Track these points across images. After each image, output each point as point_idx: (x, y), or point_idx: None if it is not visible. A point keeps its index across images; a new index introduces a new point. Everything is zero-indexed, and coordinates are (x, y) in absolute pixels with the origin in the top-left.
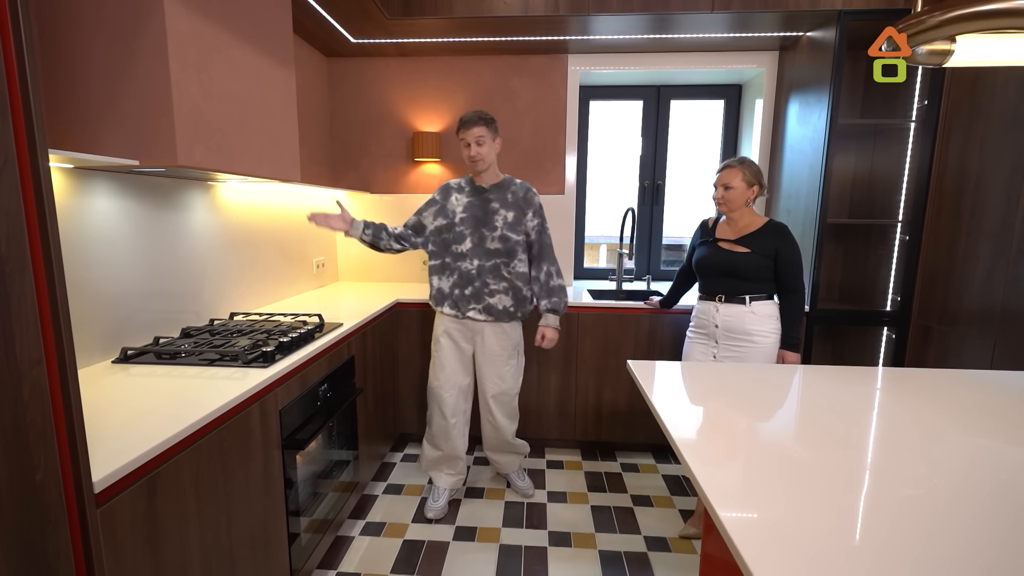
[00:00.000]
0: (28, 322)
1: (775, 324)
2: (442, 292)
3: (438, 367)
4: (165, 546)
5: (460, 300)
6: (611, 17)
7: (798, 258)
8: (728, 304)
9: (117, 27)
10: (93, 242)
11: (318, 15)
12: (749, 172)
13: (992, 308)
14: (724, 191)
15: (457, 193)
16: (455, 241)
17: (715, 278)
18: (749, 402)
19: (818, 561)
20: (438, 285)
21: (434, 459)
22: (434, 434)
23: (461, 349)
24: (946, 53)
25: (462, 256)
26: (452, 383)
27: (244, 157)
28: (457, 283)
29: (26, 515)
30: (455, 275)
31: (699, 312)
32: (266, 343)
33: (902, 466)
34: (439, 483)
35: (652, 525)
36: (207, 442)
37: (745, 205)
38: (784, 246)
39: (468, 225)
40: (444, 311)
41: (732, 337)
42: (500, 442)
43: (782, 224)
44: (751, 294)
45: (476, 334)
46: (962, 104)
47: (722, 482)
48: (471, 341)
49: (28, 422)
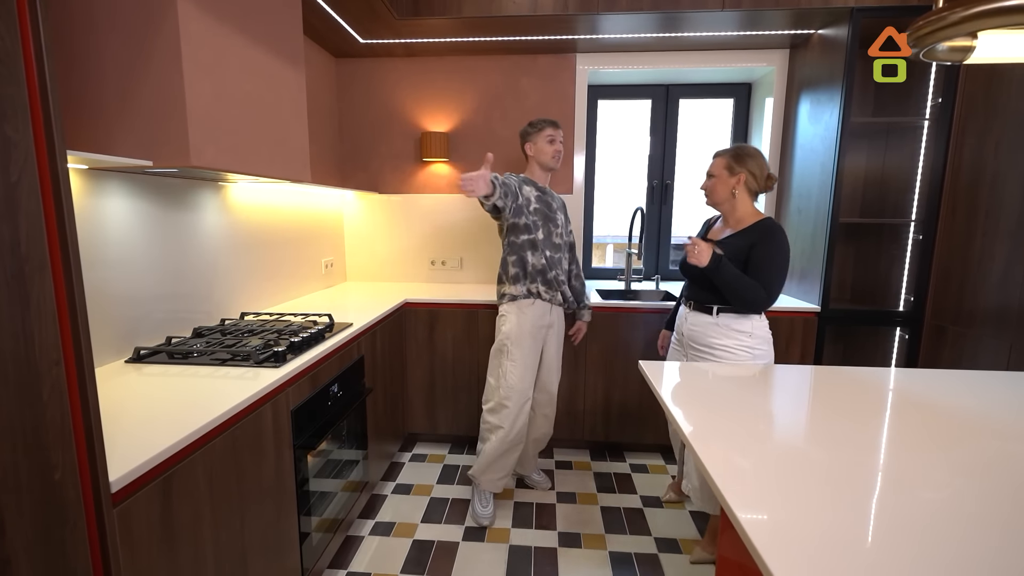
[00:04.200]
0: (47, 322)
1: (744, 340)
2: (536, 269)
3: (522, 368)
4: (180, 546)
5: (554, 282)
6: (620, 16)
7: (772, 260)
8: (695, 312)
9: (131, 28)
10: (107, 242)
11: (327, 16)
12: (732, 159)
13: (1008, 309)
14: (707, 180)
15: (526, 185)
16: (533, 229)
17: (690, 282)
18: (763, 402)
19: (842, 566)
20: (532, 262)
21: (500, 462)
22: (512, 441)
23: (538, 344)
24: (967, 49)
25: (536, 244)
26: (532, 382)
27: (255, 157)
28: (548, 265)
29: (45, 514)
30: (543, 257)
31: (678, 316)
32: (277, 343)
33: (922, 468)
34: (495, 486)
35: (662, 527)
36: (220, 442)
37: (732, 197)
38: (759, 246)
39: (539, 216)
40: (540, 292)
41: (695, 348)
42: (548, 435)
43: (773, 225)
44: (719, 304)
45: (550, 327)
46: (977, 102)
47: (740, 483)
48: (544, 335)
49: (47, 422)
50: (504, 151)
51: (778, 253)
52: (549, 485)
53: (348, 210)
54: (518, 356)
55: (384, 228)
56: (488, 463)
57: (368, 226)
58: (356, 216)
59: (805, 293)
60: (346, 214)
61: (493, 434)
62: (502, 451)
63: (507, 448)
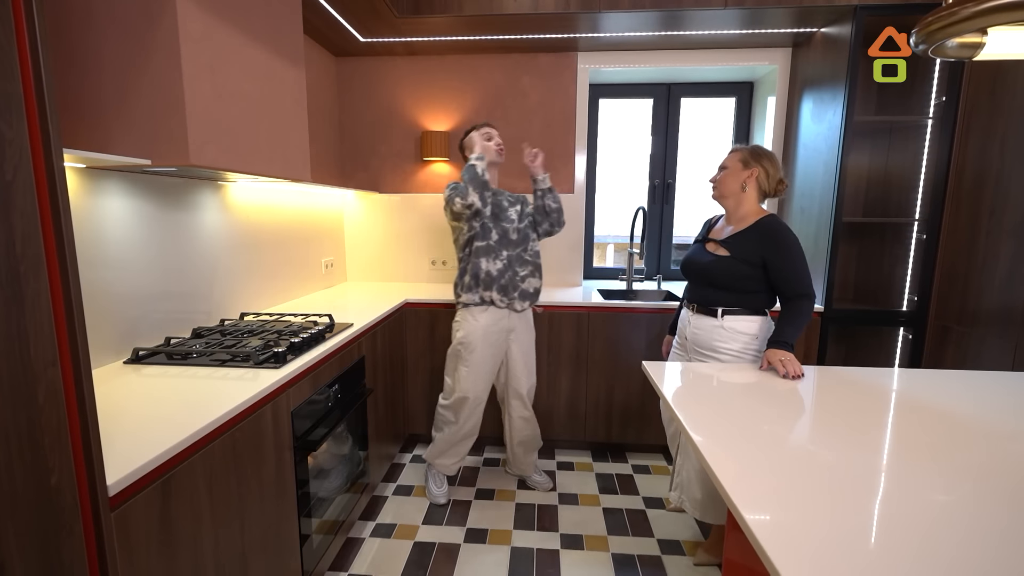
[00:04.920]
0: (43, 323)
1: (750, 343)
2: (491, 276)
3: (476, 374)
4: (179, 550)
5: (509, 286)
6: (622, 14)
7: (794, 262)
8: (699, 315)
9: (130, 26)
10: (105, 242)
11: (327, 14)
12: (749, 154)
13: (1013, 308)
14: (719, 172)
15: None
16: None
17: (693, 283)
18: (769, 403)
19: (849, 567)
20: (487, 268)
21: (449, 448)
22: (465, 434)
23: (496, 349)
24: (977, 46)
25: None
26: (488, 387)
27: (255, 156)
28: (505, 267)
29: (41, 519)
30: (499, 261)
31: (680, 319)
32: (277, 343)
33: (931, 470)
34: (448, 470)
35: (665, 528)
36: (220, 444)
37: (741, 191)
38: (774, 253)
39: (491, 219)
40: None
41: (700, 352)
42: (534, 436)
43: (775, 222)
44: (724, 305)
45: (511, 331)
46: (981, 100)
47: (747, 485)
48: (504, 339)
49: (43, 425)
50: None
51: (796, 254)
52: (551, 485)
53: (348, 210)
54: (472, 361)
55: (384, 228)
56: (441, 450)
57: (368, 226)
58: (356, 216)
59: None
60: (346, 214)
61: (446, 426)
62: (454, 442)
63: (458, 440)
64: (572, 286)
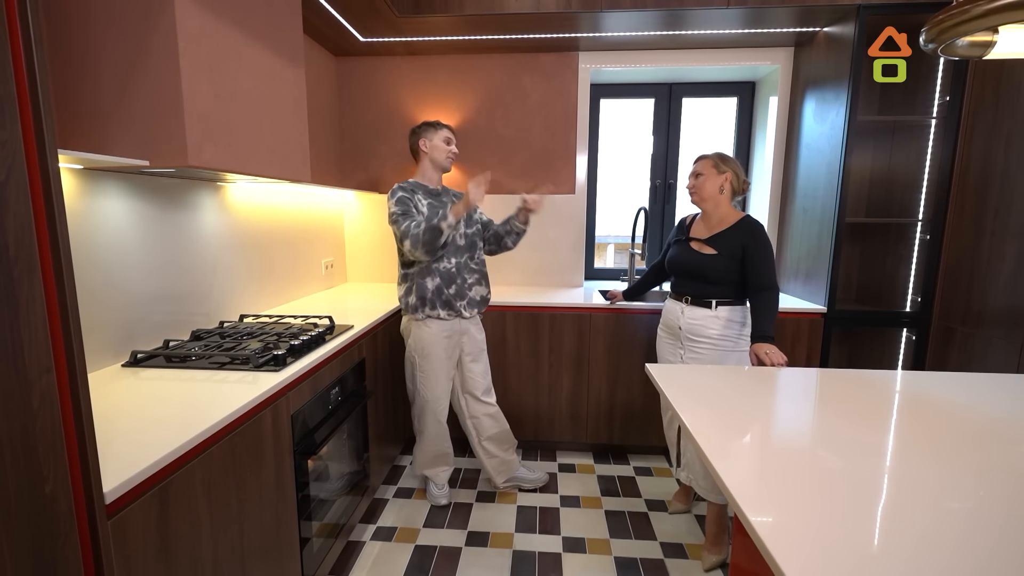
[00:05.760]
0: (37, 328)
1: (743, 331)
2: (434, 291)
3: (433, 379)
4: (177, 556)
5: (454, 298)
6: (623, 13)
7: (766, 254)
8: (693, 307)
9: (128, 25)
10: (102, 244)
11: (327, 14)
12: (720, 160)
13: (1018, 309)
14: (695, 179)
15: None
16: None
17: (683, 279)
18: (771, 406)
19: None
20: (431, 286)
21: (430, 459)
22: (434, 438)
23: (450, 351)
24: (987, 45)
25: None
26: (446, 390)
27: (254, 157)
28: (451, 276)
29: (36, 528)
30: (443, 272)
31: (667, 311)
32: (277, 346)
33: (935, 473)
34: (438, 479)
35: (668, 531)
36: (219, 449)
37: (719, 194)
38: (752, 242)
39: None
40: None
41: (695, 340)
42: (505, 432)
43: (755, 221)
44: (717, 298)
45: (464, 334)
46: (986, 99)
47: (752, 488)
48: (456, 342)
49: (37, 432)
50: (506, 150)
51: (770, 249)
52: (544, 480)
53: (348, 210)
54: (426, 367)
55: (385, 228)
56: (427, 461)
57: (369, 226)
58: (356, 216)
59: (811, 294)
60: (346, 214)
61: (418, 435)
62: (433, 452)
63: (433, 445)
64: (573, 287)
